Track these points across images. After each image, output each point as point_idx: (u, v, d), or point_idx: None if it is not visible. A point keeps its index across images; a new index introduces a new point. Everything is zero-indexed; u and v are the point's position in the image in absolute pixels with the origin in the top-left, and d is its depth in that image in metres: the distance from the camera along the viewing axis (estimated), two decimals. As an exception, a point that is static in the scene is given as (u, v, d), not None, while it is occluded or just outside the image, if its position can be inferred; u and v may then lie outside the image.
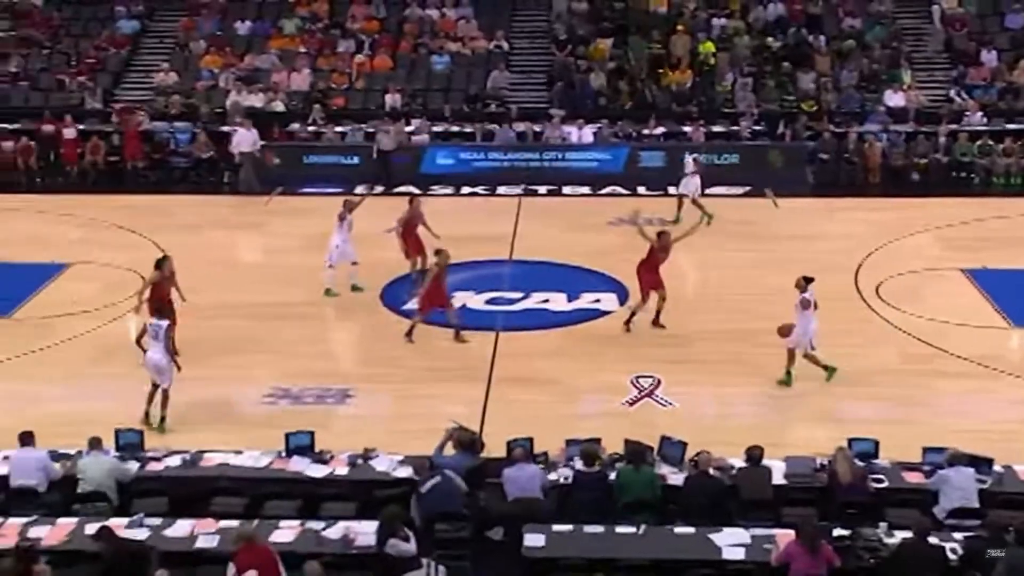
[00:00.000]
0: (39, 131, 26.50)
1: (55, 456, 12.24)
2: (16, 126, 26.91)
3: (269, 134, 26.04)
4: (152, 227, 20.57)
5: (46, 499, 11.79)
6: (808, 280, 14.97)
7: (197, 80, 28.87)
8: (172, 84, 28.62)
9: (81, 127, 26.65)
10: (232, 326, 17.32)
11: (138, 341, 15.36)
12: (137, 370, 15.57)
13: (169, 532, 11.05)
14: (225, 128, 26.41)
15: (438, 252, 16.76)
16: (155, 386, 14.11)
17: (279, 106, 27.67)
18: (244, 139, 24.85)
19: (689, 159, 22.48)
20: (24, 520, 11.18)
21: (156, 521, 11.19)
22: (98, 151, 26.18)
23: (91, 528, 10.75)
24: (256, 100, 27.68)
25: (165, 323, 14.28)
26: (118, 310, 17.89)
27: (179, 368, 14.24)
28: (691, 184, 22.24)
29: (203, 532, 11.05)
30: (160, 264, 15.89)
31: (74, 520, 11.23)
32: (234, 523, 11.00)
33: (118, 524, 10.93)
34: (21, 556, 9.99)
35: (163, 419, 14.06)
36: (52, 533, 11.00)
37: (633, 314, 17.06)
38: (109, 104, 28.38)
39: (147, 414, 14.10)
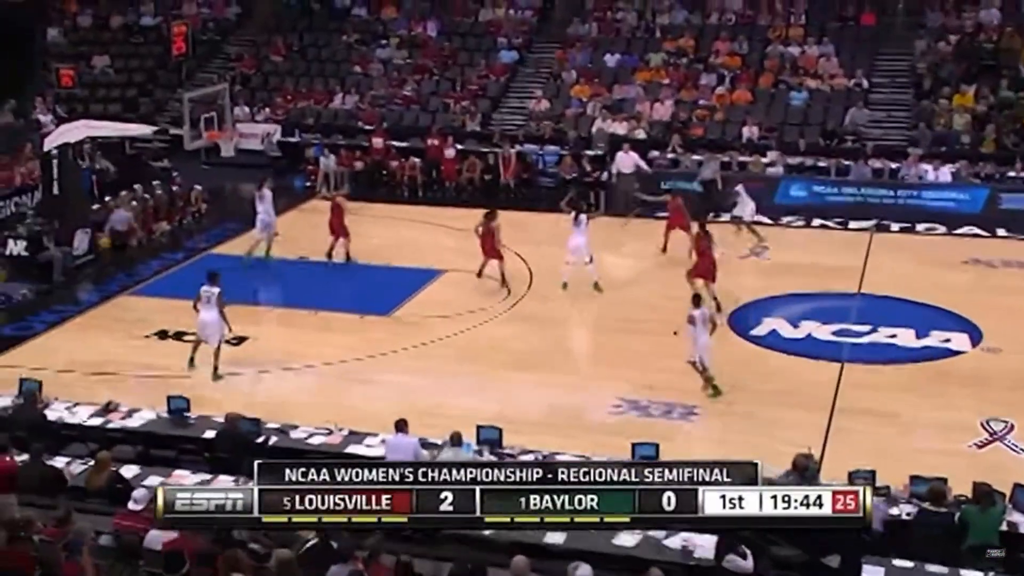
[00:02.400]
0: (427, 149, 27.95)
1: (424, 444, 12.78)
2: (405, 144, 28.57)
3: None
4: (516, 240, 21.19)
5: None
6: (696, 299, 15.41)
7: (567, 107, 29.59)
8: (544, 110, 29.50)
9: (460, 147, 27.91)
10: (587, 337, 17.63)
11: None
12: (498, 371, 16.20)
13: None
14: (589, 152, 26.96)
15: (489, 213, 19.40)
16: (199, 342, 16.18)
17: (641, 134, 27.90)
18: (624, 161, 25.26)
19: (739, 187, 22.76)
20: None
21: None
22: (475, 169, 27.30)
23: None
24: (620, 128, 28.05)
25: (217, 290, 15.91)
26: (484, 315, 18.58)
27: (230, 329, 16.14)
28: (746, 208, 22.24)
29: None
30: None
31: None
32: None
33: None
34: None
35: (216, 370, 16.00)
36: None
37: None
38: (487, 127, 29.61)
39: (192, 360, 16.25)
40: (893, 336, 17.54)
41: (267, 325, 18.49)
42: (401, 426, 12.55)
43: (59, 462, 12.39)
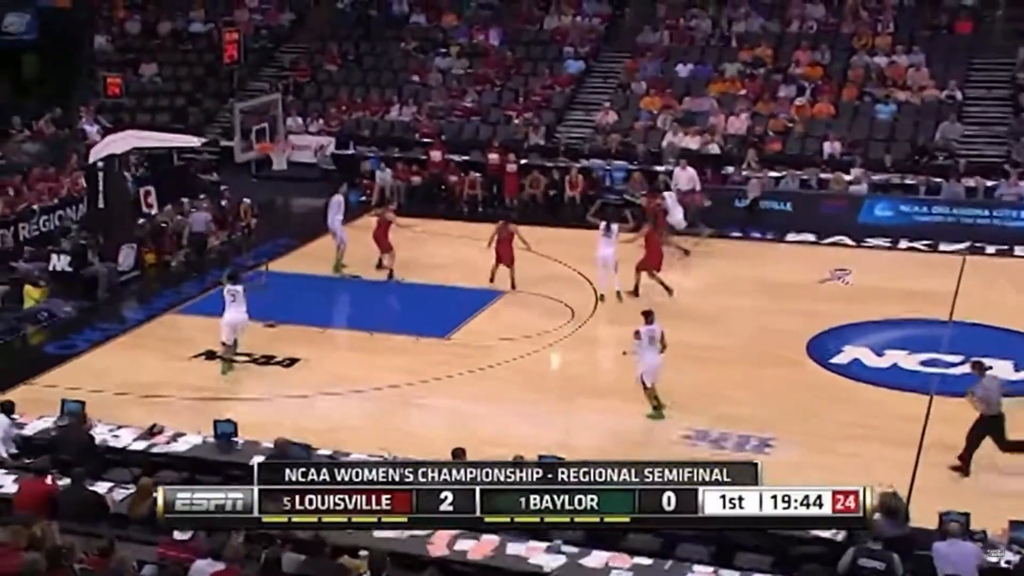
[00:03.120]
0: (487, 163, 28.09)
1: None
2: (465, 158, 28.74)
3: (702, 176, 26.25)
4: (582, 259, 21.22)
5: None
6: (647, 314, 15.72)
7: (635, 120, 29.60)
8: (611, 123, 29.54)
9: (523, 161, 28.01)
10: (667, 363, 17.56)
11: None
12: (560, 398, 16.20)
13: (585, 561, 11.25)
14: (659, 168, 26.95)
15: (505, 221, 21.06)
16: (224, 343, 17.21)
17: (714, 149, 27.85)
18: (681, 178, 25.21)
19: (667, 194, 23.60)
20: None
21: (573, 549, 11.39)
22: (538, 185, 27.37)
23: (514, 548, 11.19)
24: (692, 142, 28.01)
25: (240, 287, 17.26)
26: (547, 338, 18.63)
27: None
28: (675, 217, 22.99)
29: (617, 567, 11.17)
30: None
31: (496, 538, 11.58)
32: (647, 560, 11.06)
33: (537, 547, 11.31)
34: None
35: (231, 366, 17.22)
36: (477, 548, 11.48)
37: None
38: (551, 140, 29.71)
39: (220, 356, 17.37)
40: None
41: (320, 346, 18.66)
42: (459, 455, 12.53)
43: (101, 487, 12.58)
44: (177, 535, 10.78)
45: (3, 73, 34.04)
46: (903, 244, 24.05)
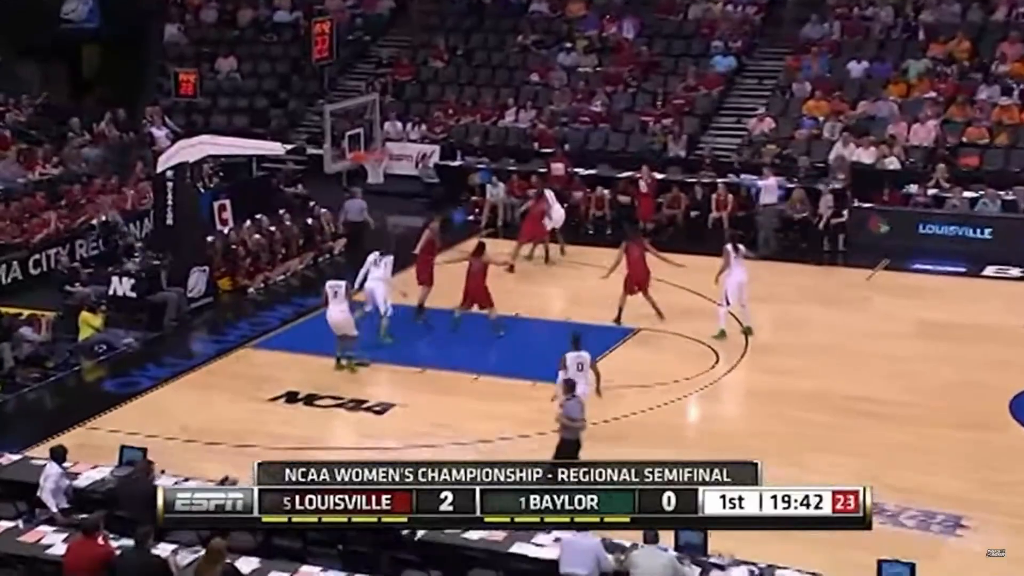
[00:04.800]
0: (619, 179, 28.07)
1: (608, 546, 12.68)
2: (592, 171, 28.71)
3: (878, 196, 25.83)
4: (715, 291, 21.12)
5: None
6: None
7: (796, 128, 29.36)
8: (767, 132, 29.33)
9: (660, 176, 27.90)
10: (816, 420, 17.37)
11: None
12: (702, 458, 15.91)
13: None
14: (819, 187, 26.59)
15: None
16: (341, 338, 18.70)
17: (893, 163, 27.43)
18: (767, 189, 25.41)
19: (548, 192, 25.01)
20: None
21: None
22: (678, 204, 27.23)
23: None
24: (865, 155, 27.66)
25: (343, 283, 18.76)
26: (686, 386, 18.49)
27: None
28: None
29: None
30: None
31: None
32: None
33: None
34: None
35: (352, 361, 18.75)
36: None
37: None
38: (693, 152, 29.57)
39: (338, 360, 18.89)
40: None
41: (418, 390, 18.77)
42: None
43: (163, 549, 12.72)
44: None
45: (61, 67, 34.97)
46: None
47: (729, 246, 20.57)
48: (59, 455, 14.23)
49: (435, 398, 18.59)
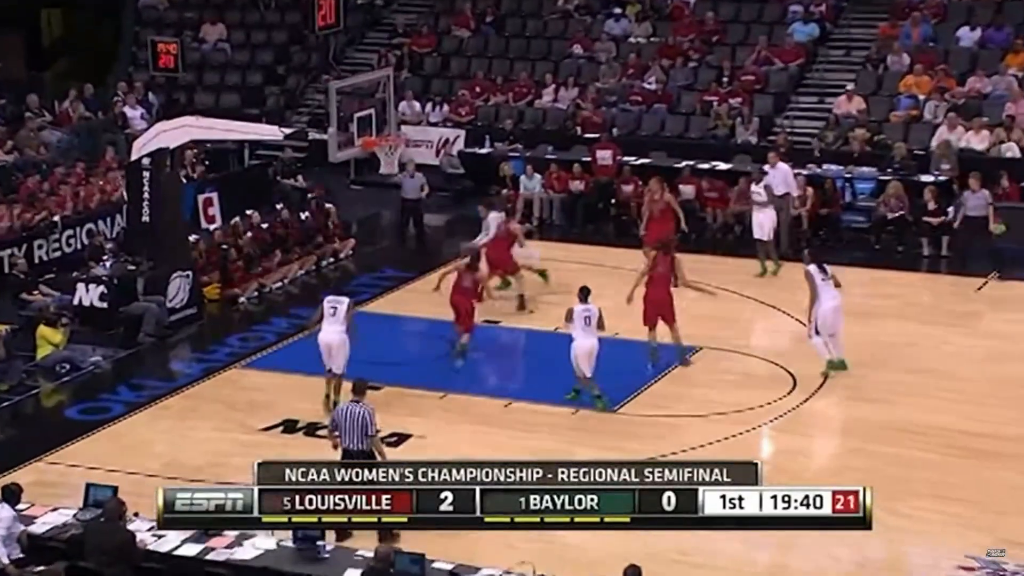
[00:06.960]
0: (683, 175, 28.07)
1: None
2: (645, 160, 28.66)
3: (993, 189, 25.66)
4: (795, 303, 21.03)
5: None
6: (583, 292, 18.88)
7: (892, 109, 29.34)
8: (855, 113, 29.29)
9: (728, 167, 27.87)
10: (916, 456, 17.32)
11: None
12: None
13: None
14: (923, 178, 26.51)
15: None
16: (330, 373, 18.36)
17: (1012, 150, 27.34)
18: (774, 180, 25.06)
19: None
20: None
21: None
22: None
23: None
24: (977, 140, 27.59)
25: (346, 300, 18.63)
26: (754, 416, 18.52)
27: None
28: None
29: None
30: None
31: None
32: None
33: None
34: None
35: (333, 404, 17.72)
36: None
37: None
38: (767, 137, 29.53)
39: (328, 399, 18.33)
40: None
41: (439, 418, 18.83)
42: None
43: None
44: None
45: (16, 37, 35.05)
46: None
47: (813, 267, 19.98)
48: (12, 495, 14.27)
49: (459, 427, 18.58)
